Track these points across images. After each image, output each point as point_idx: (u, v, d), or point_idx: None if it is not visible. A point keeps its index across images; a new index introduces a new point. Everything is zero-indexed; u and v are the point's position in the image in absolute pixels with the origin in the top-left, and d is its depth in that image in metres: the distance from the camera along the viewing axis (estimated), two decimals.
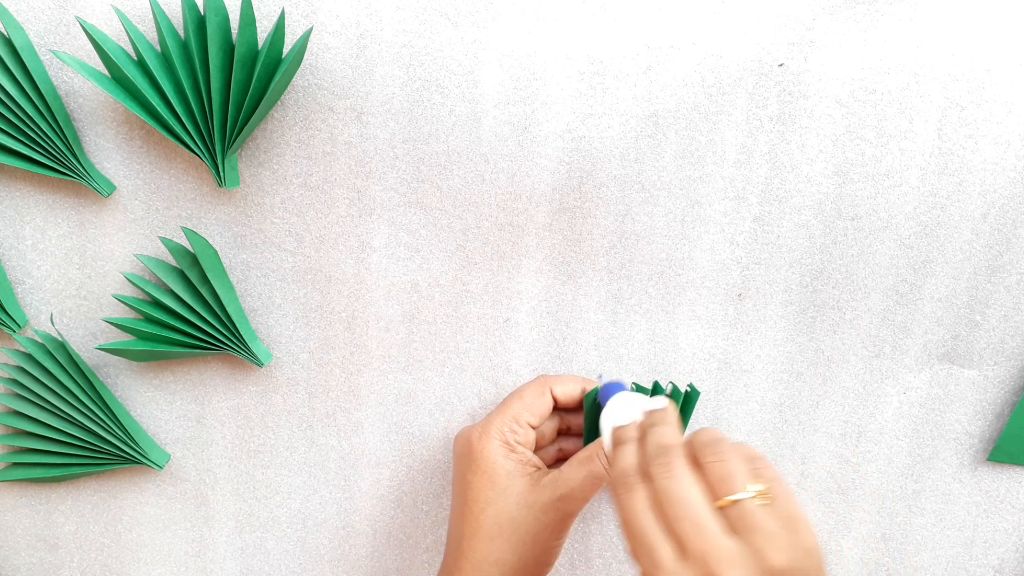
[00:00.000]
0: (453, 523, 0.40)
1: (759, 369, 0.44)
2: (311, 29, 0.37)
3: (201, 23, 0.37)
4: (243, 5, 0.36)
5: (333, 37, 0.39)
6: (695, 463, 0.30)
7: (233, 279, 0.43)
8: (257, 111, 0.37)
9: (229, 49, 0.37)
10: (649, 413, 0.33)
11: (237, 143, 0.39)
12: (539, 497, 0.37)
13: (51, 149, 0.40)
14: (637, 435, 0.33)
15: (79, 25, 0.39)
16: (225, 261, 0.43)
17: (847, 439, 0.45)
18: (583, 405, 0.41)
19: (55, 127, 0.39)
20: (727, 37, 0.39)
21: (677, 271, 0.42)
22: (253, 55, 0.37)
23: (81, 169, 0.40)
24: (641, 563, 0.28)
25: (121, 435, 0.44)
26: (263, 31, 0.39)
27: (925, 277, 0.42)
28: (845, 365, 0.44)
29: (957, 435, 0.45)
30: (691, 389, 0.40)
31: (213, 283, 0.41)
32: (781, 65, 0.39)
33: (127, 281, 0.43)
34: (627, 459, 0.31)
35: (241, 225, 0.43)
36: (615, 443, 0.33)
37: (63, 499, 0.48)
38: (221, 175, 0.40)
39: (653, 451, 0.30)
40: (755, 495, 0.28)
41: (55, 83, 0.40)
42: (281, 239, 0.43)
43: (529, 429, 0.39)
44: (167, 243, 0.42)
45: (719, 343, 0.44)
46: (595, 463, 0.38)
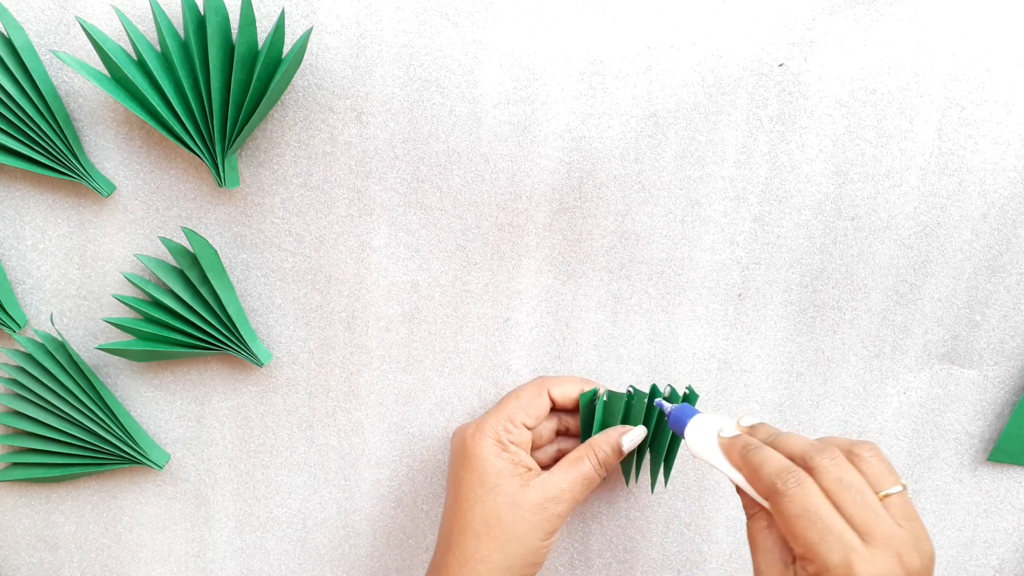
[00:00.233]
0: (444, 519, 0.40)
1: (759, 369, 0.44)
2: (311, 29, 0.37)
3: (201, 23, 0.37)
4: (243, 5, 0.36)
5: (333, 37, 0.39)
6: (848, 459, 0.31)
7: (233, 279, 0.43)
8: (257, 111, 0.37)
9: (229, 49, 0.37)
10: (754, 427, 0.35)
11: (237, 143, 0.39)
12: (528, 497, 0.38)
13: (51, 149, 0.40)
14: (761, 442, 0.33)
15: (79, 25, 0.39)
16: (225, 261, 0.43)
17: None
18: (580, 406, 0.41)
19: (55, 127, 0.39)
20: (727, 37, 0.39)
21: (677, 271, 0.42)
22: (253, 55, 0.37)
23: (81, 169, 0.40)
24: (828, 552, 0.29)
25: (121, 435, 0.44)
26: (263, 31, 0.39)
27: (925, 277, 0.42)
28: (845, 365, 0.44)
29: (957, 435, 0.44)
30: (689, 391, 0.40)
31: (213, 283, 0.41)
32: (781, 65, 0.39)
33: (127, 281, 0.43)
34: (779, 457, 0.32)
35: (241, 225, 0.43)
36: (743, 449, 0.33)
37: (63, 499, 0.48)
38: (221, 175, 0.40)
39: (809, 448, 0.31)
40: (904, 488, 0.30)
41: (55, 83, 0.40)
42: (281, 239, 0.43)
43: (524, 429, 0.39)
44: (167, 243, 0.42)
45: (719, 343, 0.44)
46: (584, 464, 0.38)
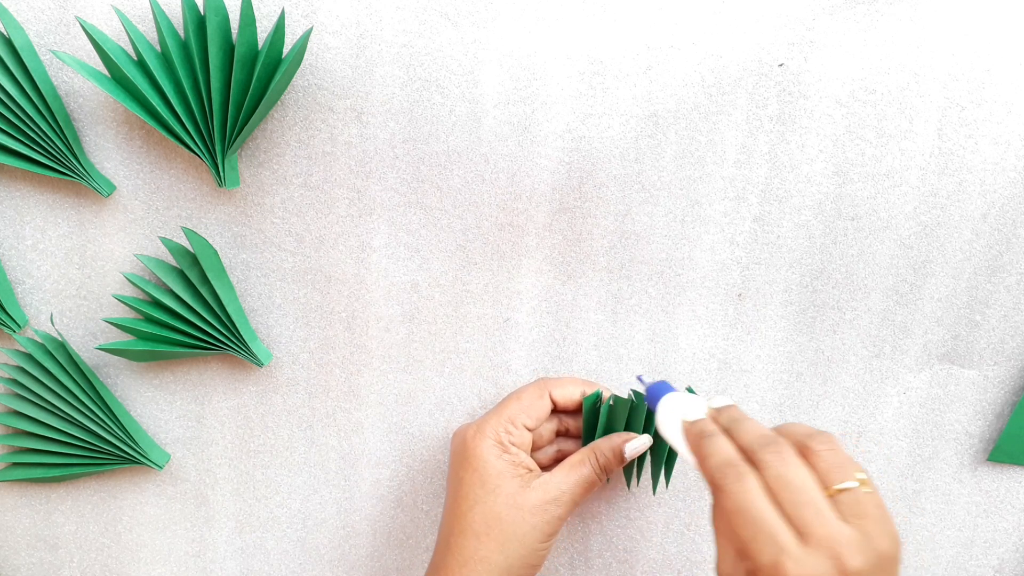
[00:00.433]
0: (444, 519, 0.40)
1: (759, 369, 0.44)
2: (311, 29, 0.37)
3: (201, 23, 0.37)
4: (243, 5, 0.36)
5: (333, 37, 0.39)
6: (800, 452, 0.30)
7: (233, 279, 0.43)
8: (257, 111, 0.37)
9: (229, 49, 0.37)
10: (720, 409, 0.33)
11: (237, 143, 0.39)
12: (528, 499, 0.38)
13: (51, 149, 0.40)
14: (718, 428, 0.32)
15: (79, 25, 0.39)
16: (225, 261, 0.43)
17: (847, 439, 0.45)
18: (582, 408, 0.41)
19: (55, 127, 0.39)
20: (727, 37, 0.39)
21: (677, 271, 0.42)
22: (253, 55, 0.37)
23: (81, 169, 0.40)
24: (759, 552, 0.28)
25: (121, 435, 0.44)
26: (263, 31, 0.39)
27: (925, 277, 0.42)
28: (845, 365, 0.44)
29: (957, 435, 0.44)
30: (688, 391, 0.39)
31: (213, 283, 0.41)
32: (781, 65, 0.39)
33: (127, 281, 0.43)
34: (727, 448, 0.31)
35: (241, 225, 0.43)
36: (697, 435, 0.32)
37: (63, 499, 0.48)
38: (221, 175, 0.40)
39: (757, 440, 0.30)
40: (861, 483, 0.29)
41: (55, 83, 0.40)
42: (281, 239, 0.43)
43: (524, 431, 0.39)
44: (167, 243, 0.42)
45: (719, 343, 0.44)
46: (586, 467, 0.39)
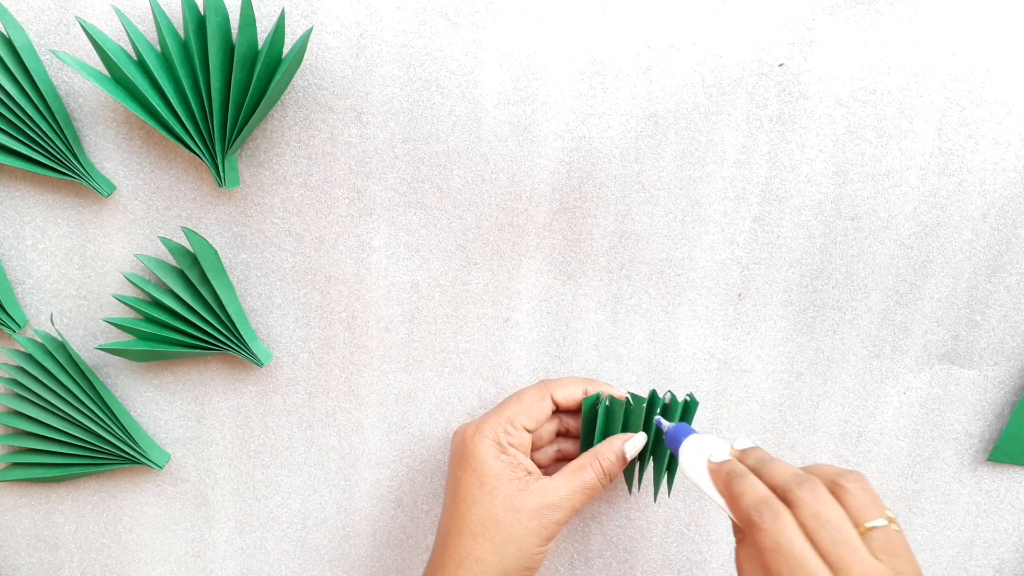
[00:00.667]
0: (443, 518, 0.40)
1: (759, 369, 0.44)
2: (311, 29, 0.37)
3: (201, 23, 0.37)
4: (243, 5, 0.36)
5: (333, 37, 0.39)
6: (831, 491, 0.31)
7: (233, 279, 0.43)
8: (257, 111, 0.37)
9: (229, 49, 0.37)
10: (745, 451, 0.35)
11: (237, 143, 0.39)
12: (526, 502, 0.37)
13: (51, 149, 0.40)
14: (747, 468, 0.33)
15: (79, 25, 0.39)
16: (225, 261, 0.43)
17: (847, 439, 0.45)
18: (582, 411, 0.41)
19: (55, 127, 0.39)
20: (727, 37, 0.39)
21: (677, 271, 0.42)
22: (253, 55, 0.37)
23: (81, 169, 0.40)
24: None
25: (121, 435, 0.44)
26: (263, 31, 0.39)
27: (925, 277, 0.42)
28: (845, 365, 0.44)
29: (957, 435, 0.44)
30: (690, 399, 0.39)
31: (213, 283, 0.41)
32: (781, 65, 0.39)
33: (127, 281, 0.43)
34: (760, 487, 0.32)
35: (241, 225, 0.43)
36: (727, 476, 0.33)
37: (63, 499, 0.48)
38: (221, 175, 0.40)
39: (791, 479, 0.31)
40: (890, 521, 0.30)
41: (55, 83, 0.40)
42: (281, 239, 0.43)
43: (524, 432, 0.39)
44: (167, 243, 0.42)
45: (719, 343, 0.44)
46: (587, 473, 0.38)
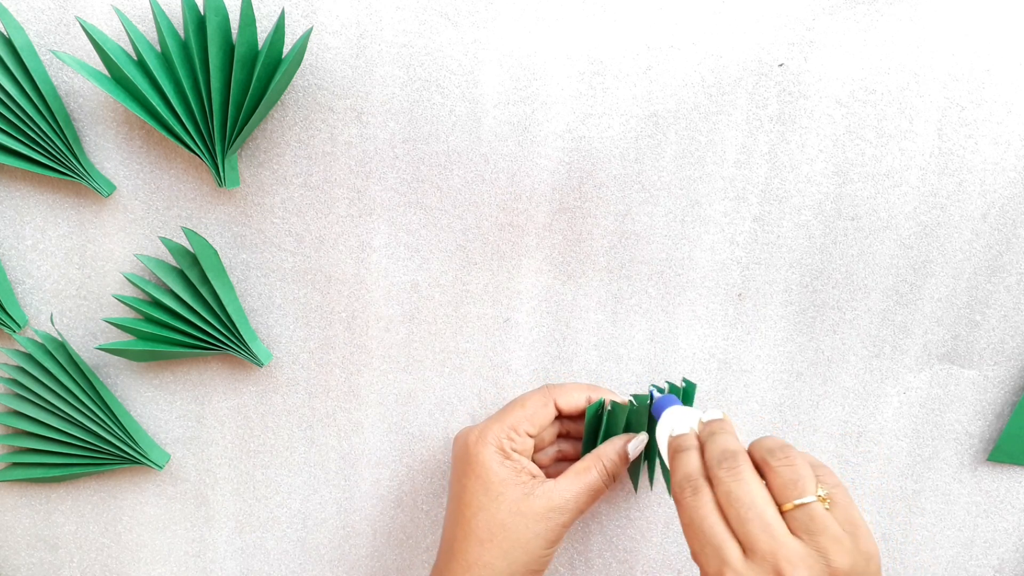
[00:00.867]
0: (447, 525, 0.40)
1: (759, 369, 0.44)
2: (311, 29, 0.37)
3: (201, 23, 0.37)
4: (243, 5, 0.36)
5: (333, 37, 0.39)
6: (759, 468, 0.31)
7: (233, 279, 0.43)
8: (257, 111, 0.37)
9: (229, 49, 0.37)
10: (707, 423, 0.35)
11: (237, 143, 0.39)
12: (532, 506, 0.38)
13: (51, 149, 0.40)
14: (696, 443, 0.34)
15: (79, 25, 0.39)
16: (225, 261, 0.43)
17: (847, 439, 0.45)
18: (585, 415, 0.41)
19: (55, 127, 0.39)
20: (727, 37, 0.39)
21: (677, 271, 0.42)
22: (253, 55, 0.37)
23: (81, 169, 0.40)
24: (707, 563, 0.29)
25: (121, 435, 0.44)
26: (263, 31, 0.39)
27: (925, 277, 0.42)
28: (845, 365, 0.44)
29: (957, 435, 0.44)
30: (686, 383, 0.40)
31: (213, 283, 0.41)
32: (781, 65, 0.39)
33: (127, 281, 0.43)
34: (690, 464, 0.32)
35: (241, 225, 0.43)
36: (674, 450, 0.34)
37: (63, 499, 0.48)
38: (221, 175, 0.40)
39: (717, 456, 0.31)
40: (820, 499, 0.29)
41: (55, 83, 0.40)
42: (281, 239, 0.43)
43: (527, 437, 0.39)
44: (167, 243, 0.42)
45: (719, 343, 0.44)
46: (592, 474, 0.39)
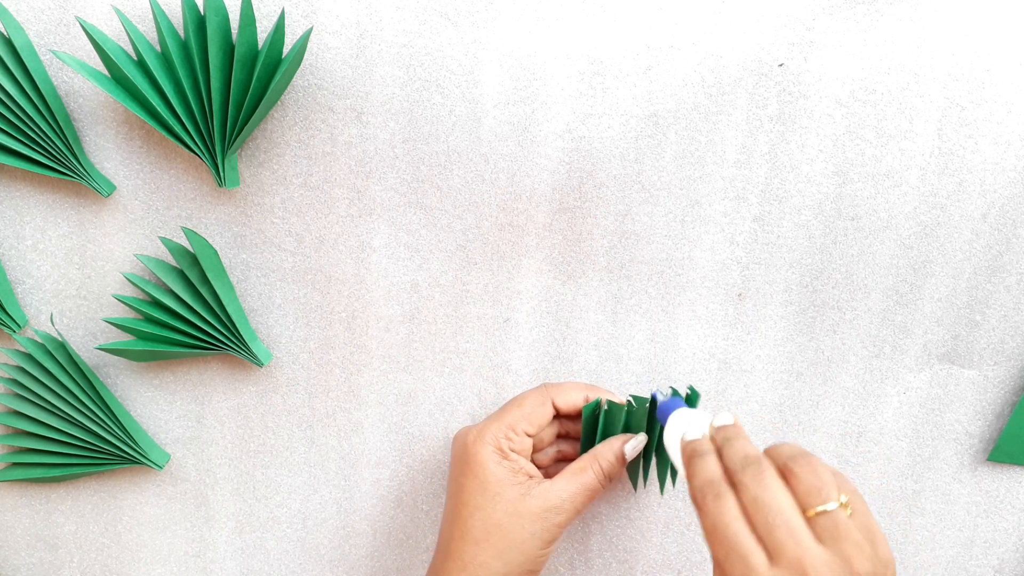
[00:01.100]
0: (444, 524, 0.40)
1: (759, 369, 0.44)
2: (311, 29, 0.37)
3: (201, 23, 0.37)
4: (243, 5, 0.36)
5: (333, 37, 0.39)
6: (780, 474, 0.31)
7: (233, 279, 0.43)
8: (257, 111, 0.37)
9: (229, 49, 0.37)
10: (720, 427, 0.34)
11: (237, 143, 0.39)
12: (528, 507, 0.38)
13: (51, 149, 0.40)
14: (712, 448, 0.33)
15: (79, 25, 0.39)
16: (225, 261, 0.43)
17: (847, 439, 0.45)
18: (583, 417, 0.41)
19: (55, 127, 0.39)
20: (727, 37, 0.39)
21: (677, 271, 0.42)
22: (253, 55, 0.37)
23: (81, 169, 0.40)
24: (731, 569, 0.29)
25: (121, 435, 0.44)
26: (263, 31, 0.39)
27: (925, 277, 0.42)
28: (845, 365, 0.44)
29: (957, 435, 0.44)
30: (691, 392, 0.40)
31: (213, 283, 0.41)
32: (781, 65, 0.39)
33: (127, 281, 0.43)
34: (711, 469, 0.32)
35: (241, 225, 0.43)
36: (690, 455, 0.33)
37: (63, 499, 0.48)
38: (221, 175, 0.40)
39: (740, 461, 0.31)
40: (842, 506, 0.29)
41: (55, 83, 0.40)
42: (281, 239, 0.43)
43: (525, 437, 0.39)
44: (167, 243, 0.42)
45: (719, 343, 0.44)
46: (588, 474, 0.39)
